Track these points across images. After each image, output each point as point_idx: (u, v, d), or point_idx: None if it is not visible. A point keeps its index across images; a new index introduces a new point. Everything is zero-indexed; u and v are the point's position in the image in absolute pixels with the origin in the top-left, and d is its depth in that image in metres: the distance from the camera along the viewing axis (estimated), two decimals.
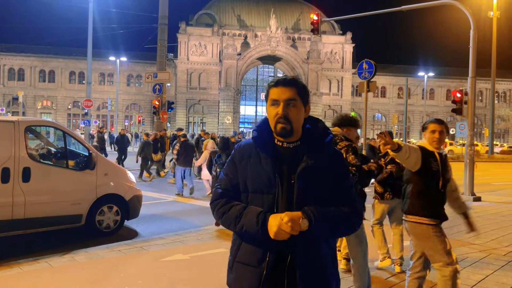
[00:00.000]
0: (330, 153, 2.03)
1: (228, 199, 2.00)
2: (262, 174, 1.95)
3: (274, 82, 2.01)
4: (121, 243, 6.68)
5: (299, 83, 2.03)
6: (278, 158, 1.96)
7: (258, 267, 1.91)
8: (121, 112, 65.08)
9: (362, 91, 12.44)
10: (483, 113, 69.07)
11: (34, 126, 7.77)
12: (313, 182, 1.92)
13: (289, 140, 2.00)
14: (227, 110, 65.01)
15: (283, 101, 1.96)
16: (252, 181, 1.97)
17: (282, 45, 65.68)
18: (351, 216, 1.95)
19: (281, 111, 1.95)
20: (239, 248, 2.01)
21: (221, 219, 1.99)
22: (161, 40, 18.37)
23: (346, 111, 69.45)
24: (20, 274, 5.16)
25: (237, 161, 2.03)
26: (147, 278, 5.14)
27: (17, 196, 6.34)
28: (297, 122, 1.98)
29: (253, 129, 2.07)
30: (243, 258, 1.98)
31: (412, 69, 68.06)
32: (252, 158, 1.99)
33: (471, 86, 12.91)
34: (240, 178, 2.01)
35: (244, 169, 2.00)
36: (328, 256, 1.99)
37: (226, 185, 2.04)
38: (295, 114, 1.97)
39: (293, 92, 1.98)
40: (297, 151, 1.98)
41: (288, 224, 1.77)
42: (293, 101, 1.97)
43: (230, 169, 2.06)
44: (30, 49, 64.74)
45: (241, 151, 2.05)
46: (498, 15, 19.17)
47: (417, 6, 15.98)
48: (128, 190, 7.77)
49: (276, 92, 1.98)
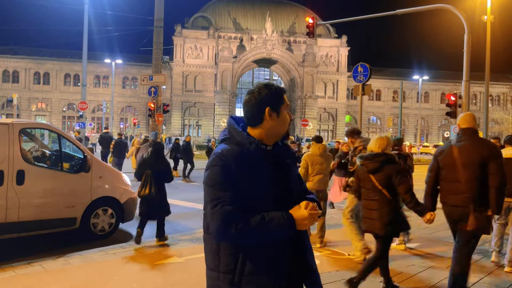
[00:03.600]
0: (290, 150, 2.22)
1: (241, 214, 1.89)
2: (264, 180, 1.97)
3: (282, 89, 2.12)
4: (115, 246, 6.66)
5: None
6: (266, 160, 2.02)
7: (278, 273, 1.97)
8: (116, 115, 64.90)
9: (357, 94, 12.47)
10: (477, 117, 68.38)
11: (29, 128, 7.73)
12: (293, 178, 2.12)
13: (270, 143, 2.11)
14: (223, 113, 65.01)
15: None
16: (252, 186, 1.93)
17: (277, 48, 65.80)
18: None
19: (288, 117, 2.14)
20: (245, 262, 1.92)
21: (242, 234, 1.88)
22: (157, 42, 18.33)
23: (341, 114, 69.71)
24: (14, 277, 5.13)
25: (235, 172, 1.93)
26: (142, 281, 5.12)
27: (11, 199, 6.30)
28: None
29: (246, 135, 2.01)
30: (258, 268, 1.92)
31: (407, 73, 68.35)
32: (251, 166, 1.96)
33: (465, 90, 13.00)
34: (241, 188, 1.92)
35: (245, 179, 1.93)
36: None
37: (232, 199, 1.90)
38: None
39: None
40: (274, 151, 2.09)
41: (312, 208, 1.95)
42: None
43: (228, 182, 1.92)
44: (24, 51, 64.48)
45: (235, 160, 1.94)
46: (492, 19, 19.27)
47: (411, 10, 16.09)
48: (123, 193, 7.74)
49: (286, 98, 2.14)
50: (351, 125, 70.91)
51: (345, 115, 69.99)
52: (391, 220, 4.56)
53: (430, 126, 75.81)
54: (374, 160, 4.64)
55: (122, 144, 16.37)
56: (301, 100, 65.13)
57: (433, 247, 6.96)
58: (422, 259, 6.32)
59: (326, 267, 5.71)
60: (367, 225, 4.75)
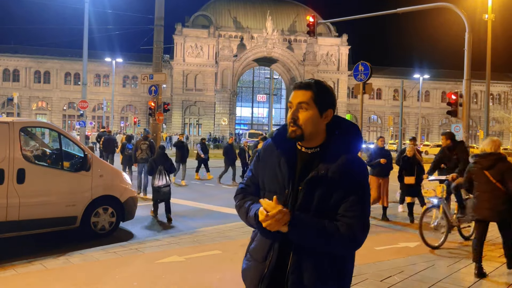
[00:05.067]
0: (346, 165, 1.86)
1: (245, 194, 2.08)
2: (278, 176, 1.96)
3: (294, 86, 1.98)
4: (116, 245, 6.66)
5: (316, 86, 1.92)
6: (295, 162, 1.95)
7: (262, 263, 1.97)
8: (116, 114, 64.90)
9: (358, 93, 12.44)
10: (478, 115, 69.36)
11: (29, 127, 7.74)
12: (318, 193, 1.86)
13: (309, 145, 1.95)
14: (223, 112, 64.99)
15: (295, 105, 1.92)
16: (268, 181, 2.01)
17: (278, 47, 65.75)
18: (345, 237, 1.82)
19: (290, 114, 1.93)
20: (253, 241, 2.07)
21: (238, 212, 2.07)
22: (157, 41, 18.32)
23: (342, 113, 69.63)
24: (14, 276, 5.13)
25: (261, 159, 2.08)
26: (142, 280, 5.12)
27: (11, 198, 6.30)
28: (308, 126, 1.89)
29: (277, 128, 2.14)
30: (253, 251, 2.05)
31: (407, 71, 68.30)
32: (273, 158, 2.00)
33: (466, 89, 12.97)
34: (260, 176, 2.06)
35: (263, 168, 2.04)
36: (328, 269, 1.88)
37: (248, 181, 2.12)
38: (305, 117, 1.89)
39: (307, 96, 1.90)
40: (314, 157, 1.92)
41: (265, 208, 1.81)
42: (305, 105, 1.90)
43: (254, 166, 2.11)
44: (25, 50, 64.44)
45: (265, 150, 2.08)
46: (493, 17, 19.23)
47: (412, 8, 16.05)
48: (124, 192, 7.74)
49: (292, 95, 1.95)
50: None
51: (345, 114, 69.92)
52: (505, 209, 5.43)
53: (431, 125, 75.74)
54: (488, 159, 5.54)
55: (111, 140, 18.21)
56: None
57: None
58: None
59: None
60: (481, 214, 5.56)
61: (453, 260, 6.25)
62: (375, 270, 5.57)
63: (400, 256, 6.36)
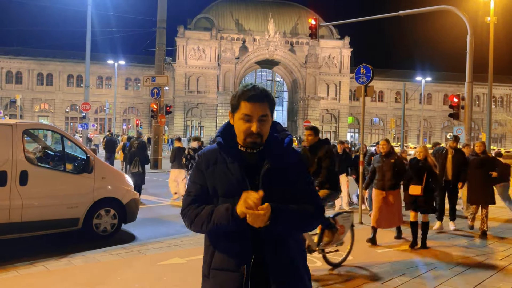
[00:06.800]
0: (290, 155, 2.07)
1: (200, 204, 2.02)
2: (231, 178, 1.98)
3: (248, 97, 1.97)
4: (118, 247, 6.68)
5: (270, 96, 2.04)
6: (244, 162, 2.01)
7: (238, 270, 1.93)
8: (119, 116, 65.00)
9: (360, 96, 12.41)
10: (480, 118, 69.24)
11: (32, 129, 7.76)
12: (276, 183, 1.98)
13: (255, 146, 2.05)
14: (225, 114, 64.92)
15: (257, 118, 1.97)
16: (221, 186, 2.01)
17: (280, 49, 65.78)
18: (313, 212, 2.02)
19: (256, 128, 1.96)
20: (213, 255, 2.03)
21: (194, 221, 2.00)
22: (160, 44, 18.39)
23: (343, 115, 69.65)
24: (17, 277, 5.15)
25: (204, 168, 2.06)
26: (144, 281, 5.14)
27: (14, 200, 6.33)
28: (266, 134, 2.03)
29: (217, 134, 2.11)
30: (220, 264, 1.99)
31: (409, 74, 68.19)
32: (219, 163, 2.03)
33: (468, 91, 12.97)
34: (209, 183, 2.04)
35: (211, 175, 2.03)
36: (296, 251, 2.05)
37: (196, 192, 2.06)
38: (266, 129, 2.02)
39: (265, 108, 2.00)
40: (261, 155, 2.02)
41: (249, 198, 1.82)
42: (265, 117, 1.99)
43: (197, 176, 2.07)
44: (28, 52, 64.62)
45: (206, 157, 2.08)
46: (495, 20, 19.22)
47: (414, 11, 16.07)
48: (126, 194, 7.76)
49: (250, 108, 1.97)
50: (353, 126, 70.94)
51: (347, 116, 69.89)
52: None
53: (433, 127, 75.60)
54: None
55: (112, 141, 19.69)
56: (304, 102, 65.08)
57: None
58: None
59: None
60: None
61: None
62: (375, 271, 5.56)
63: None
